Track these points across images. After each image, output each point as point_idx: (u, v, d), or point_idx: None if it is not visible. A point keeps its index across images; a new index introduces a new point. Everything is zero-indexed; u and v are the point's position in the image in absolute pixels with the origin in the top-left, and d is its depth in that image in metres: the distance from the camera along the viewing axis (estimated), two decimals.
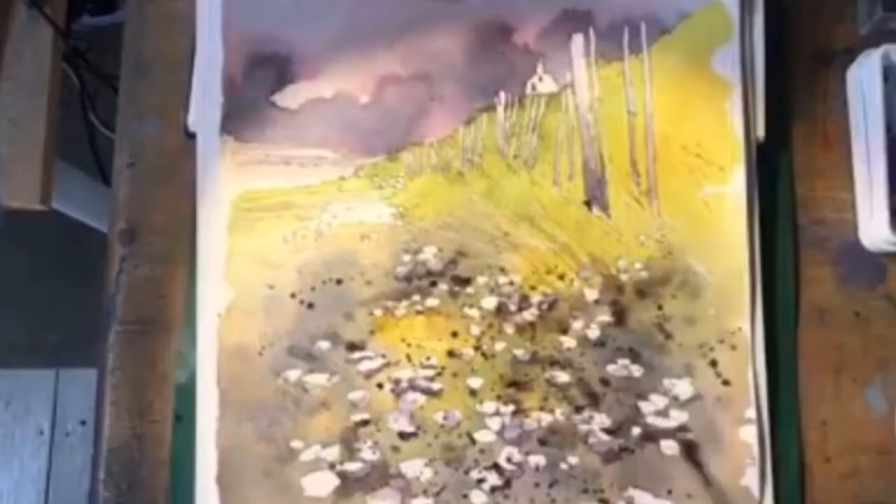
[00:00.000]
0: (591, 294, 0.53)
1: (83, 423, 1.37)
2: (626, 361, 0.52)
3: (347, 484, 0.51)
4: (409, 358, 0.53)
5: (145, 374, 0.55)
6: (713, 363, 0.52)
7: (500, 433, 0.52)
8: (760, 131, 0.54)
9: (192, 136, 0.56)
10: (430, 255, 0.54)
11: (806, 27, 0.58)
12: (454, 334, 0.53)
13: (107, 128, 0.98)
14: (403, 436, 0.52)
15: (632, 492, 0.51)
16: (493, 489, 0.51)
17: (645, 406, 0.51)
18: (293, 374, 0.53)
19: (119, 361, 0.56)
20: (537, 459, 0.51)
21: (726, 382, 0.52)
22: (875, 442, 0.53)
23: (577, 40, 0.55)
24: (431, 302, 0.53)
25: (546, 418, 0.52)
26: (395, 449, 0.52)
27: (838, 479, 0.53)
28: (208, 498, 0.51)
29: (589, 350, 0.52)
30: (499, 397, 0.52)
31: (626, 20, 0.55)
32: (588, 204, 0.54)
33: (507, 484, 0.51)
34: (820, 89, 0.58)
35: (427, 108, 0.55)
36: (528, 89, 0.55)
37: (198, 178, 0.55)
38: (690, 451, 0.51)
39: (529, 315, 0.53)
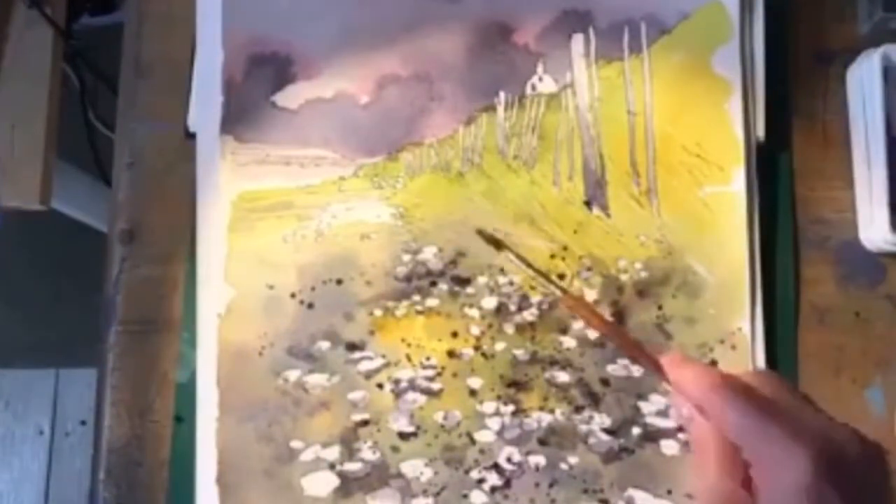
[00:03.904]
0: (591, 294, 0.53)
1: (83, 423, 1.37)
2: (626, 361, 0.52)
3: (347, 484, 0.51)
4: (409, 358, 0.53)
5: (145, 374, 0.56)
6: (713, 363, 0.52)
7: (500, 433, 0.52)
8: (760, 131, 0.54)
9: (192, 136, 0.56)
10: (430, 255, 0.54)
11: (806, 27, 0.58)
12: (454, 334, 0.53)
13: (107, 128, 0.98)
14: (403, 436, 0.52)
15: (632, 492, 0.51)
16: (493, 489, 0.51)
17: (645, 406, 0.51)
18: (293, 375, 0.53)
19: (119, 361, 0.56)
20: (537, 459, 0.51)
21: None
22: None
23: (577, 40, 0.55)
24: (431, 302, 0.53)
25: (546, 418, 0.52)
26: (395, 449, 0.52)
27: None
28: (208, 498, 0.52)
29: (589, 350, 0.52)
30: (499, 397, 0.52)
31: (626, 20, 0.55)
32: (588, 204, 0.54)
33: (507, 484, 0.51)
34: (820, 89, 0.58)
35: (427, 108, 0.55)
36: (528, 89, 0.55)
37: (198, 178, 0.55)
38: (690, 452, 0.51)
39: (529, 315, 0.53)
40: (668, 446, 0.51)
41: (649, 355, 0.44)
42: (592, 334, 0.52)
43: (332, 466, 0.52)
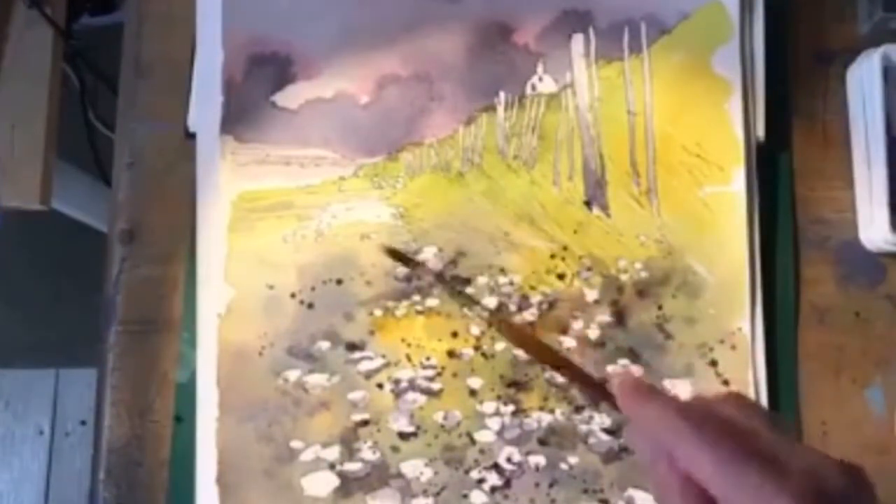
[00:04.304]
0: (591, 294, 0.53)
1: (83, 423, 1.37)
2: (626, 361, 0.52)
3: (347, 484, 0.51)
4: (409, 358, 0.53)
5: (145, 374, 0.55)
6: (713, 363, 0.52)
7: (500, 433, 0.52)
8: (760, 131, 0.54)
9: (192, 136, 0.56)
10: (430, 255, 0.54)
11: (806, 27, 0.58)
12: (454, 334, 0.53)
13: (107, 128, 0.98)
14: (403, 436, 0.52)
15: (632, 492, 0.51)
16: (493, 489, 0.51)
17: None
18: (293, 375, 0.53)
19: (119, 361, 0.56)
20: (537, 459, 0.51)
21: (726, 382, 0.52)
22: (875, 442, 0.53)
23: (577, 40, 0.55)
24: (431, 302, 0.53)
25: (546, 418, 0.52)
26: (395, 449, 0.52)
27: None
28: (208, 498, 0.51)
29: (589, 350, 0.52)
30: (499, 397, 0.52)
31: (626, 20, 0.55)
32: (588, 204, 0.54)
33: (507, 484, 0.51)
34: (820, 89, 0.58)
35: (427, 108, 0.55)
36: (528, 89, 0.55)
37: (198, 178, 0.55)
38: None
39: (529, 315, 0.53)
40: None
41: (595, 381, 0.40)
42: (592, 334, 0.52)
43: (332, 466, 0.52)
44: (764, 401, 0.52)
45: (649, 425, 0.34)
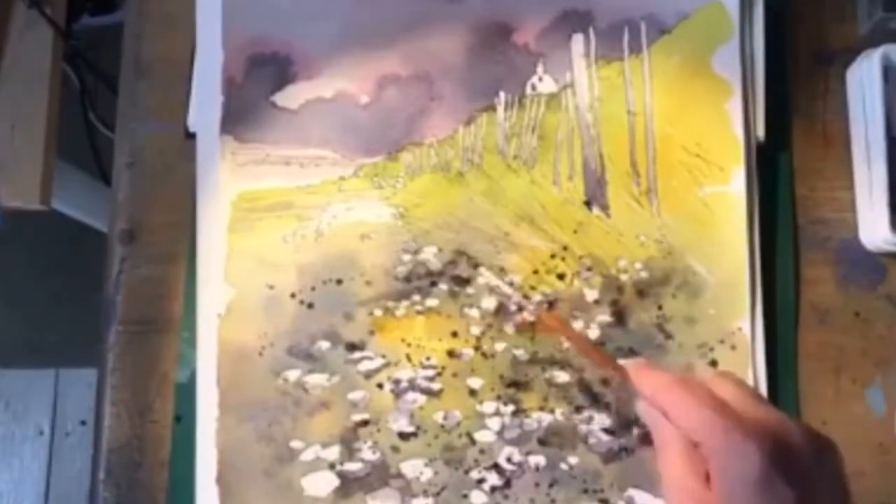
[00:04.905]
0: (591, 294, 0.53)
1: (83, 423, 1.37)
2: (626, 361, 0.52)
3: (347, 484, 0.51)
4: (409, 358, 0.53)
5: (145, 374, 0.56)
6: (713, 363, 0.52)
7: (500, 433, 0.52)
8: (760, 131, 0.54)
9: (192, 136, 0.56)
10: (430, 255, 0.54)
11: (806, 27, 0.58)
12: (454, 334, 0.53)
13: (107, 128, 0.98)
14: (403, 436, 0.52)
15: (632, 492, 0.51)
16: (493, 489, 0.51)
17: None
18: (293, 375, 0.53)
19: (119, 361, 0.56)
20: (537, 459, 0.51)
21: None
22: (875, 442, 0.53)
23: (577, 40, 0.55)
24: (431, 302, 0.53)
25: (546, 418, 0.52)
26: (395, 449, 0.52)
27: None
28: (208, 498, 0.52)
29: None
30: (499, 397, 0.52)
31: (626, 20, 0.55)
32: (588, 204, 0.54)
33: (507, 484, 0.51)
34: (820, 89, 0.58)
35: (427, 108, 0.55)
36: (528, 89, 0.55)
37: (198, 178, 0.55)
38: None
39: (529, 315, 0.53)
40: None
41: (619, 366, 0.45)
42: (592, 334, 0.52)
43: (332, 466, 0.52)
44: None
45: (650, 391, 0.41)
